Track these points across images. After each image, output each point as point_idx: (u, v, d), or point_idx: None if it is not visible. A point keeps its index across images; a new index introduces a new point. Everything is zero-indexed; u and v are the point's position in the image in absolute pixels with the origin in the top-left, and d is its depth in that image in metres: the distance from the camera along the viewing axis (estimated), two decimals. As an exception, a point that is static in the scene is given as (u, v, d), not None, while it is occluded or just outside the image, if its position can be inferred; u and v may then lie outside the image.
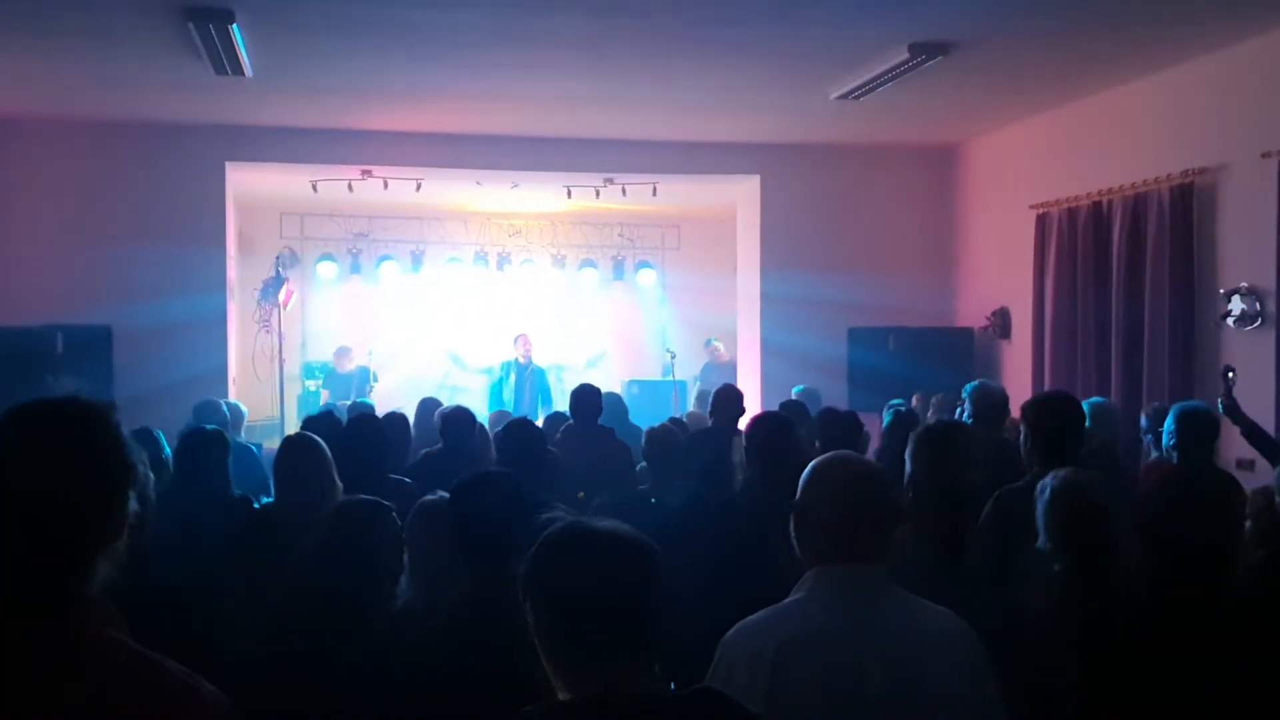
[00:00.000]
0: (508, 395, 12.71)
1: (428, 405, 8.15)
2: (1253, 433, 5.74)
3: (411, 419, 7.13)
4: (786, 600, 2.62)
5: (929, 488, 3.60)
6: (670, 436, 5.79)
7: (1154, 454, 5.93)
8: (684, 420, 7.82)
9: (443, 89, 8.53)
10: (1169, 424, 5.29)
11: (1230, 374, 5.91)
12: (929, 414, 7.59)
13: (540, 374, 12.99)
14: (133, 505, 1.84)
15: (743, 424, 6.93)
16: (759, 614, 2.61)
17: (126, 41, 7.27)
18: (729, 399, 6.99)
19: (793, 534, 2.70)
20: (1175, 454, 5.22)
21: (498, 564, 3.09)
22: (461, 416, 6.42)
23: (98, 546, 1.80)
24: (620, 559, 2.02)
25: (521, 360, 12.91)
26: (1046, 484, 3.52)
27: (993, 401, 5.81)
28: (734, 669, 2.49)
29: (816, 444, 5.43)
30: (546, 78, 8.24)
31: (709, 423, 7.07)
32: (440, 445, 6.31)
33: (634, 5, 6.56)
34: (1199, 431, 5.22)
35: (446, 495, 3.51)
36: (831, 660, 2.46)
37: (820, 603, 2.54)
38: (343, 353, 12.97)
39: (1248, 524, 3.81)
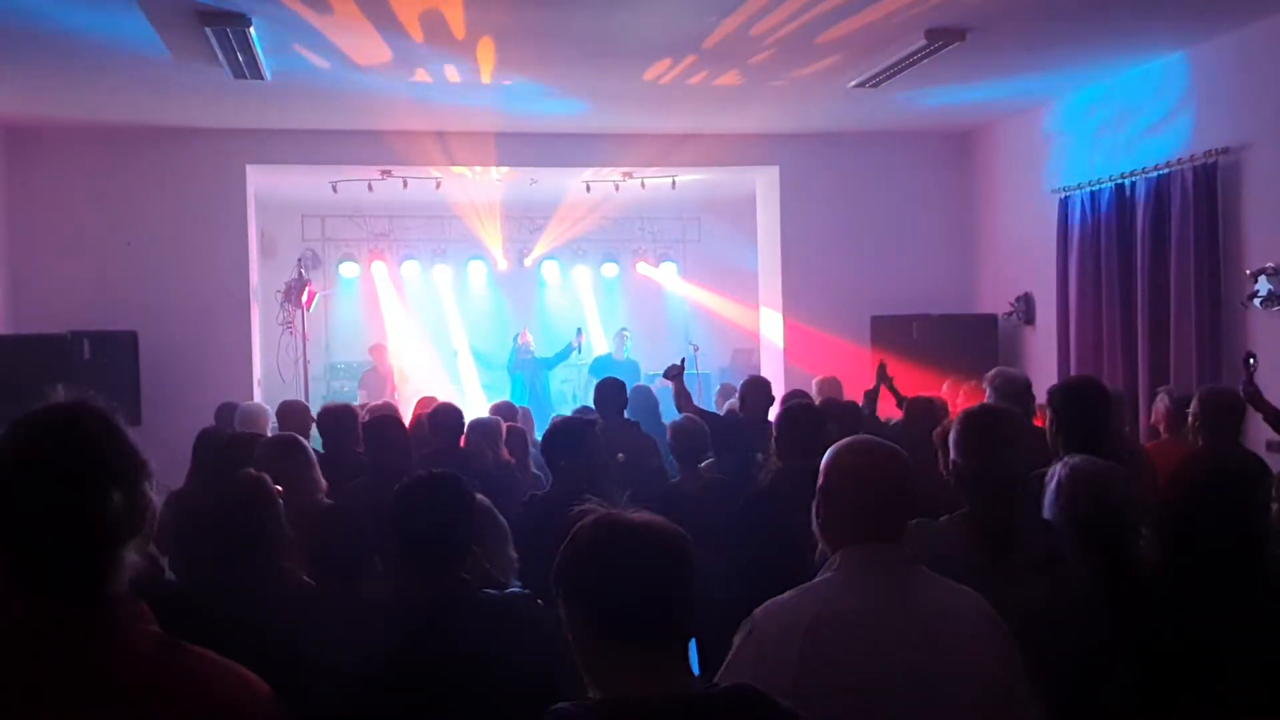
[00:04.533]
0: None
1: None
2: (1277, 419, 5.67)
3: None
4: (815, 580, 2.65)
5: (975, 477, 3.25)
6: (697, 429, 5.81)
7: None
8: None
9: (459, 87, 8.53)
10: (1193, 406, 5.25)
11: (1251, 360, 5.83)
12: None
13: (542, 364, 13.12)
14: (152, 499, 1.90)
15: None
16: (789, 592, 2.64)
17: (145, 47, 7.30)
18: (759, 390, 7.02)
19: (815, 519, 2.72)
20: (1200, 437, 5.18)
21: (438, 570, 3.06)
22: (451, 414, 6.42)
23: (123, 542, 1.85)
24: (654, 551, 1.99)
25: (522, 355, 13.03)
26: (1055, 472, 3.45)
27: (1014, 388, 5.76)
28: (764, 645, 2.52)
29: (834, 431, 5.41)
30: (564, 73, 8.24)
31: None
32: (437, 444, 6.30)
33: (648, 3, 6.55)
34: (1223, 413, 5.17)
35: None
36: (862, 635, 2.50)
37: (849, 581, 2.58)
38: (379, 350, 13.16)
39: (1275, 506, 3.74)
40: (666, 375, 7.55)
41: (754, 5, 6.66)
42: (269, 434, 7.53)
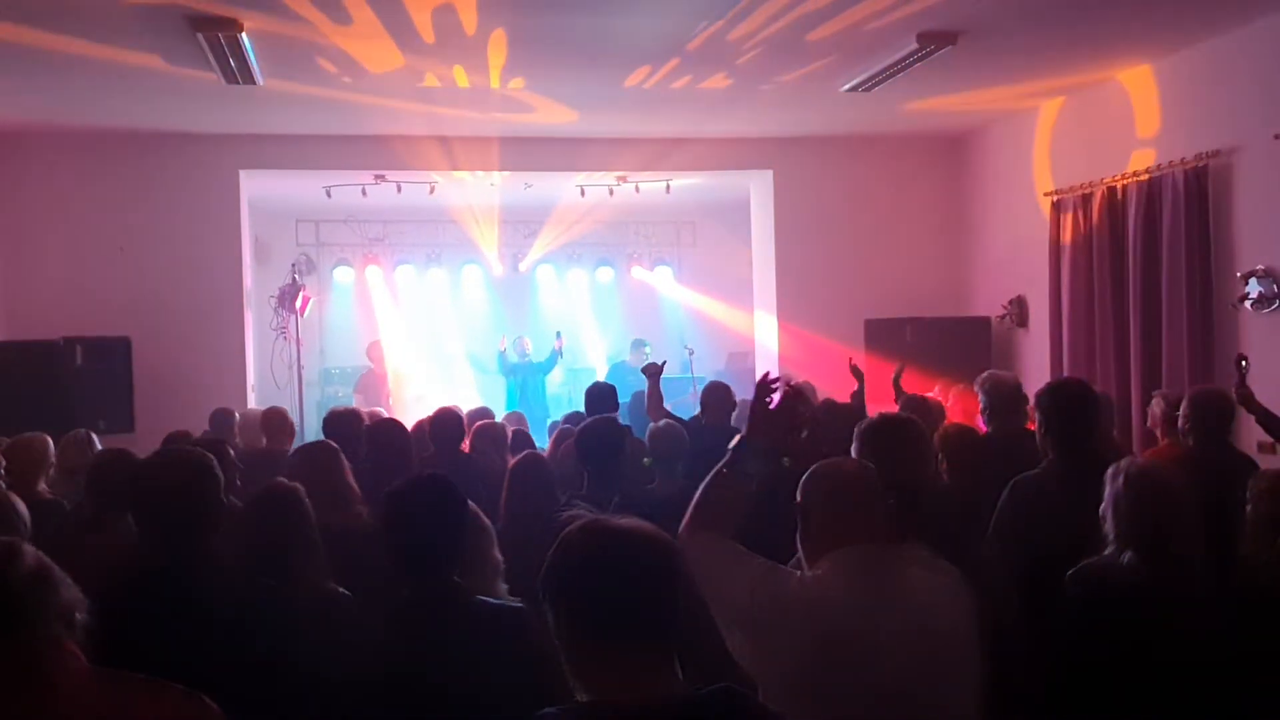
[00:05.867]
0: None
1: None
2: (1268, 421, 5.68)
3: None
4: (804, 574, 2.77)
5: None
6: (675, 433, 5.79)
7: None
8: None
9: (454, 91, 8.55)
10: (1183, 408, 5.26)
11: (1243, 362, 5.85)
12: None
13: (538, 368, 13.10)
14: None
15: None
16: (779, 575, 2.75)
17: (138, 53, 7.31)
18: (720, 395, 6.99)
19: (799, 539, 2.85)
20: (1189, 438, 5.18)
21: (429, 572, 3.06)
22: (450, 419, 6.44)
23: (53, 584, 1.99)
24: (640, 557, 2.00)
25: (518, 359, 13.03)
26: (1121, 470, 3.47)
27: (1005, 391, 5.76)
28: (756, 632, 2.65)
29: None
30: (555, 78, 8.25)
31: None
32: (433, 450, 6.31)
33: (643, 5, 6.56)
34: (1213, 414, 5.17)
35: None
36: (850, 622, 2.61)
37: (836, 574, 2.69)
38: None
39: (1248, 508, 3.75)
40: (645, 371, 7.54)
41: (747, 7, 6.68)
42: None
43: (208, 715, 2.02)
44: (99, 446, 6.17)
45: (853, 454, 3.45)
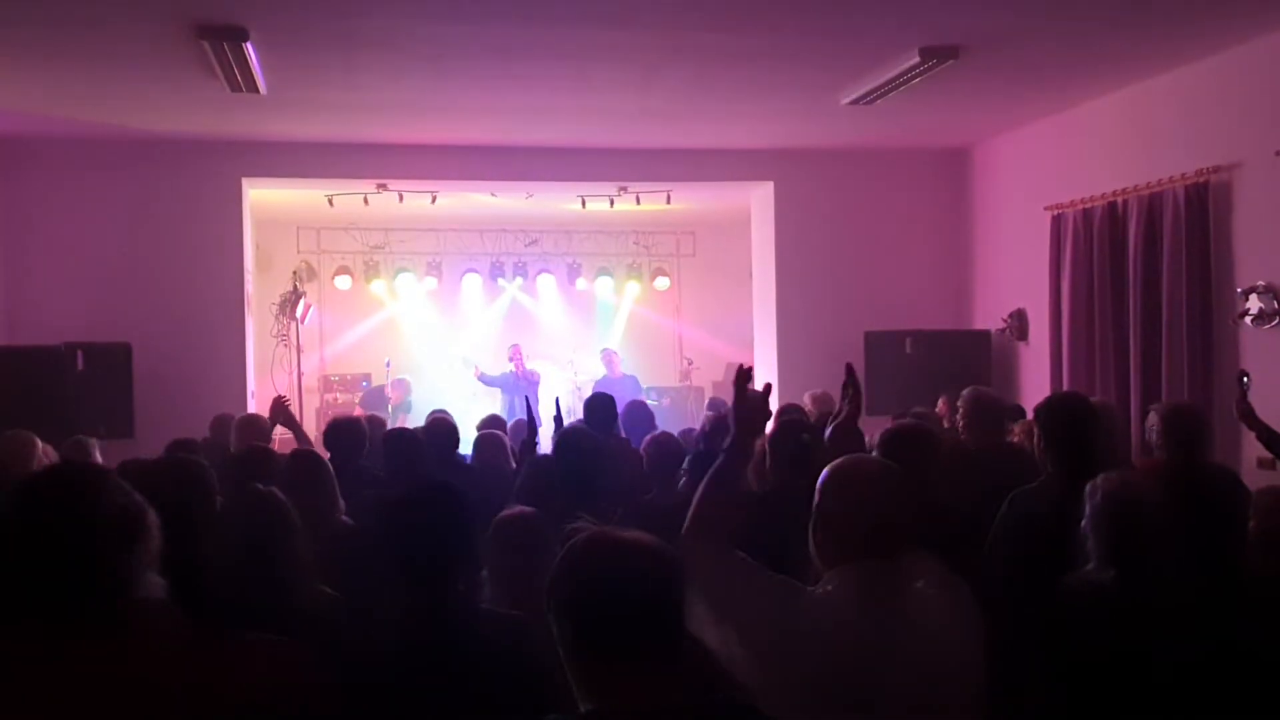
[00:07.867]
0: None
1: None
2: (1270, 438, 5.68)
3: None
4: (814, 593, 2.68)
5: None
6: (672, 444, 5.80)
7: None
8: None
9: (456, 102, 8.57)
10: (1153, 422, 5.25)
11: (1245, 378, 5.85)
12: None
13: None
14: None
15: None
16: (786, 594, 2.68)
17: (142, 61, 7.33)
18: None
19: (811, 538, 2.75)
20: (1162, 452, 5.17)
21: (435, 583, 3.05)
22: (444, 427, 6.47)
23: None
24: (645, 569, 2.02)
25: (517, 372, 13.03)
26: (1098, 485, 3.45)
27: (985, 408, 5.75)
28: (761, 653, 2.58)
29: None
30: (559, 89, 8.27)
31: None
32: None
33: (643, 16, 6.58)
34: (1184, 427, 5.16)
35: None
36: (860, 645, 2.54)
37: (846, 594, 2.60)
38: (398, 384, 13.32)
39: (1251, 524, 3.74)
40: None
41: (748, 20, 6.70)
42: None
43: (299, 659, 2.03)
44: (96, 454, 6.15)
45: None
